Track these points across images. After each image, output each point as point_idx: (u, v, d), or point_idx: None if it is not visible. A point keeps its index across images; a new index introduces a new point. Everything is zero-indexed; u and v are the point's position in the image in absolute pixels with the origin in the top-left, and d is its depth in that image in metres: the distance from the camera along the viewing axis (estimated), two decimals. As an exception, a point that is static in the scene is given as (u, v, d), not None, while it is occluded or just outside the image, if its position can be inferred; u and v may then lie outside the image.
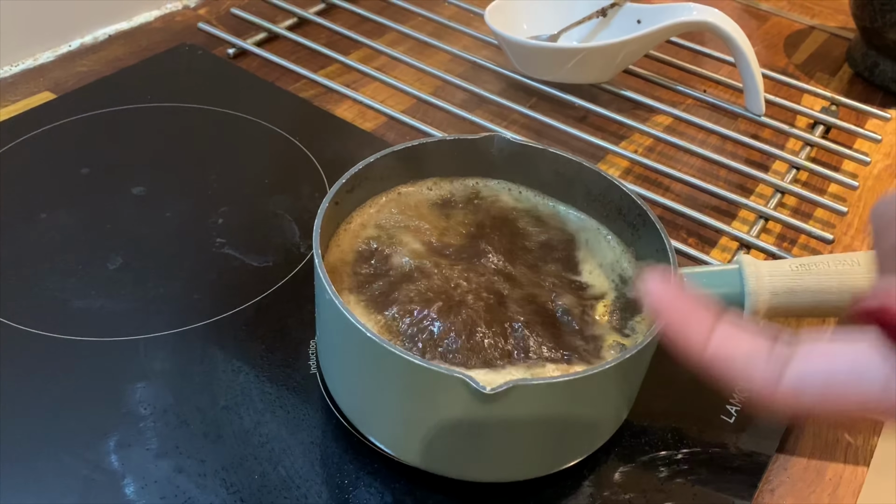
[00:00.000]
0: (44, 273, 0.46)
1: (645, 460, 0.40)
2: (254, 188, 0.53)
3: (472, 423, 0.34)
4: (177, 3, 0.72)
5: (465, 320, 0.37)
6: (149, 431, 0.38)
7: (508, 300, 0.39)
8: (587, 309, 0.40)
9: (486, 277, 0.40)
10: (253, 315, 0.45)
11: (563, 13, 0.66)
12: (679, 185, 0.58)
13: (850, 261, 0.38)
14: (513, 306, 0.39)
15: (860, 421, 0.43)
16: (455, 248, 0.42)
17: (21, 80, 0.61)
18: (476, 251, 0.42)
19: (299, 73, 0.63)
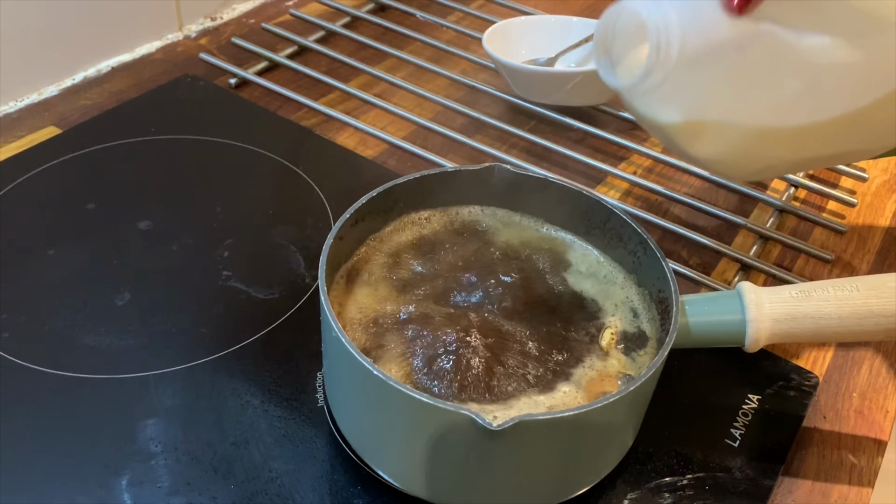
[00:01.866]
0: (52, 310, 0.46)
1: (651, 487, 0.40)
2: (258, 219, 0.54)
3: (479, 458, 0.34)
4: (178, 34, 0.73)
5: (474, 349, 0.38)
6: (160, 468, 0.39)
7: (514, 331, 0.40)
8: (593, 337, 0.40)
9: (491, 307, 0.41)
10: (260, 348, 0.45)
11: (560, 37, 0.67)
12: (679, 207, 0.58)
13: (850, 286, 0.39)
14: (518, 336, 0.39)
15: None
16: (460, 277, 0.43)
17: (26, 115, 0.62)
18: (482, 280, 0.42)
19: (301, 101, 0.64)
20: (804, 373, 0.46)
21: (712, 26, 0.34)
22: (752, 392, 0.45)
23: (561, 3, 0.83)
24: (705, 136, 0.38)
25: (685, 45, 0.34)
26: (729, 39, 0.34)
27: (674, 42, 0.34)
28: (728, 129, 0.37)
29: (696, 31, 0.34)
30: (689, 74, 0.35)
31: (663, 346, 0.36)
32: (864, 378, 0.48)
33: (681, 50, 0.34)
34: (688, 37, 0.34)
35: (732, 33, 0.34)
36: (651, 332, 0.41)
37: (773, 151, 0.39)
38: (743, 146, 0.38)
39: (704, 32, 0.34)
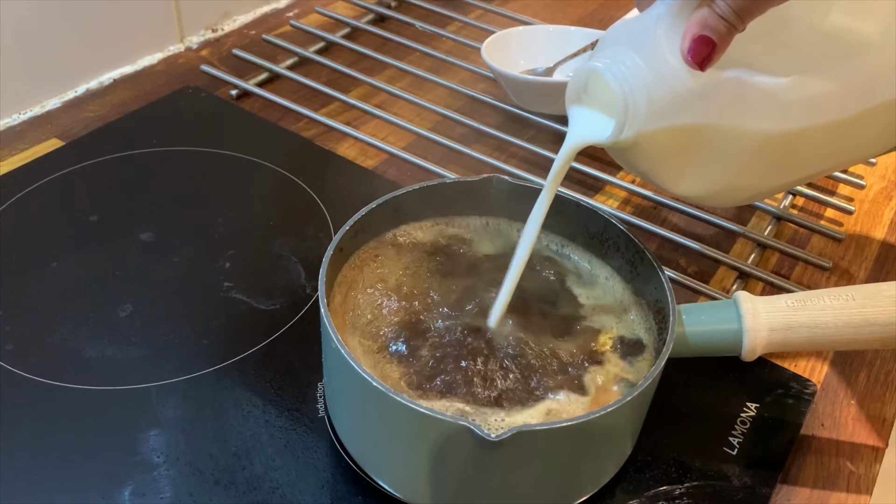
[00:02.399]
0: (55, 322, 0.47)
1: (650, 495, 0.40)
2: (259, 230, 0.54)
3: (478, 468, 0.35)
4: (179, 46, 0.73)
5: (473, 357, 0.38)
6: (163, 480, 0.39)
7: (514, 339, 0.40)
8: (591, 345, 0.41)
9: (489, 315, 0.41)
10: (261, 359, 0.45)
11: (558, 47, 0.68)
12: (676, 215, 0.59)
13: (846, 295, 0.39)
14: (517, 344, 0.40)
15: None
16: (460, 287, 0.43)
17: (29, 127, 0.62)
18: (482, 290, 0.43)
19: (301, 112, 0.65)
20: (802, 380, 0.46)
21: (677, 80, 0.35)
22: (750, 400, 0.45)
23: (559, 13, 0.84)
24: (686, 178, 0.39)
25: (652, 101, 0.35)
26: (695, 90, 0.35)
27: (640, 100, 0.35)
28: (707, 170, 0.38)
29: (661, 87, 0.35)
30: (661, 127, 0.35)
31: (661, 355, 0.37)
32: (861, 386, 0.48)
33: (648, 106, 0.35)
34: (653, 93, 0.35)
35: (698, 84, 0.35)
36: (648, 341, 0.41)
37: (755, 182, 0.40)
38: (725, 182, 0.39)
39: (670, 87, 0.35)
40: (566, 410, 0.37)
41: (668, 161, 0.37)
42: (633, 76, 0.35)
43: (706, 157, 0.37)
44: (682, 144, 0.36)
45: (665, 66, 0.35)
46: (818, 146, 0.39)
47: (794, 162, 0.40)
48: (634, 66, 0.35)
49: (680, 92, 0.35)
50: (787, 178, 0.41)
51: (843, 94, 0.37)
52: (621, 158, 0.40)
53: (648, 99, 0.35)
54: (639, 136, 0.35)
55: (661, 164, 0.38)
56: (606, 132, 0.36)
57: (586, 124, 0.37)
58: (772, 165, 0.39)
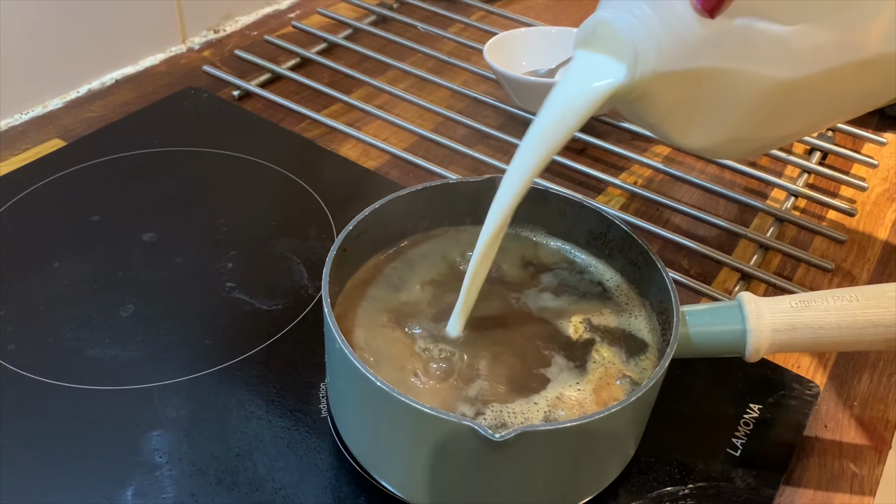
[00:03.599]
0: (57, 322, 0.47)
1: (653, 496, 0.40)
2: (261, 231, 0.54)
3: (482, 469, 0.35)
4: (181, 46, 0.73)
5: (476, 354, 0.39)
6: (165, 480, 0.39)
7: (517, 338, 0.40)
8: (595, 343, 0.41)
9: (494, 314, 0.41)
10: (264, 359, 0.45)
11: (560, 48, 0.68)
12: (679, 217, 0.59)
13: (849, 296, 0.39)
14: (519, 343, 0.40)
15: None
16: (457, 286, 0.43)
17: (31, 127, 0.62)
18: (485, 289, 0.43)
19: (303, 113, 0.65)
20: (805, 382, 0.46)
21: (686, 29, 0.34)
22: (753, 401, 0.45)
23: (561, 15, 0.84)
24: (695, 129, 0.38)
25: (662, 50, 0.35)
26: (704, 38, 0.35)
27: (650, 49, 0.35)
28: (716, 120, 0.38)
29: (670, 36, 0.35)
30: (670, 77, 0.35)
31: (664, 357, 0.37)
32: (864, 387, 0.48)
33: (658, 55, 0.35)
34: (663, 42, 0.35)
35: (707, 32, 0.35)
36: (652, 342, 0.41)
37: (762, 132, 0.39)
38: (732, 132, 0.39)
39: (679, 35, 0.35)
40: (575, 401, 0.38)
41: (677, 112, 0.37)
42: (643, 25, 0.34)
43: (714, 107, 0.37)
44: (690, 94, 0.36)
45: (674, 14, 0.34)
46: (824, 94, 0.38)
47: (800, 110, 0.39)
48: (643, 14, 0.34)
49: (689, 40, 0.35)
50: (793, 128, 0.41)
51: (850, 43, 0.37)
52: (629, 111, 0.39)
53: (658, 47, 0.34)
54: (648, 84, 0.35)
55: (669, 115, 0.37)
56: (618, 77, 0.35)
57: (596, 70, 0.37)
58: (778, 114, 0.38)
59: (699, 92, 0.36)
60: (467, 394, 0.38)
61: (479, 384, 0.38)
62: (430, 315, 0.42)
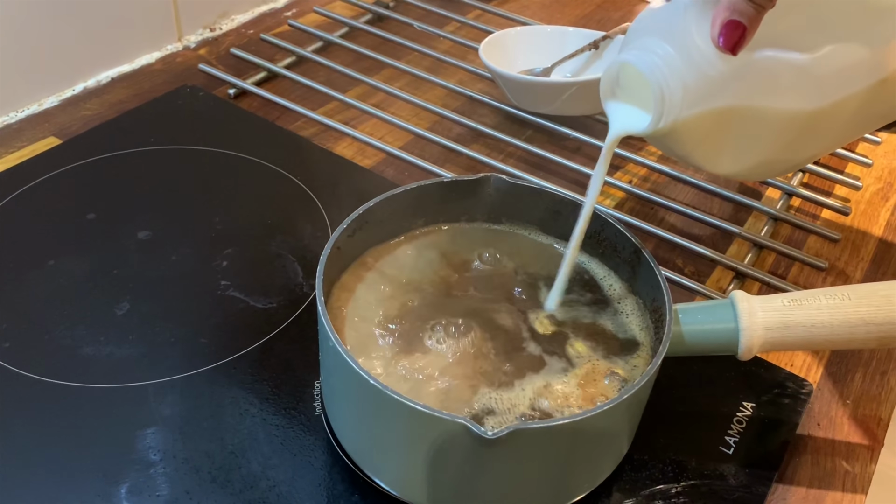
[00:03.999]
0: (52, 320, 0.47)
1: (646, 494, 0.40)
2: (256, 229, 0.54)
3: (475, 466, 0.35)
4: (177, 45, 0.73)
5: (472, 340, 0.40)
6: (159, 477, 0.39)
7: (510, 335, 0.40)
8: (585, 339, 0.41)
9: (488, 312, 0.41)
10: (258, 357, 0.45)
11: (556, 47, 0.68)
12: (674, 216, 0.59)
13: (841, 295, 0.39)
14: (514, 340, 0.40)
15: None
16: (457, 285, 0.43)
17: (27, 125, 0.62)
18: (479, 288, 0.43)
19: (299, 111, 0.65)
20: (798, 380, 0.47)
21: (709, 66, 0.35)
22: (746, 399, 0.45)
23: (557, 14, 0.84)
24: (724, 158, 0.40)
25: (687, 88, 0.35)
26: (728, 74, 0.35)
27: (675, 88, 0.35)
28: (744, 149, 0.39)
29: (694, 74, 0.35)
30: (697, 112, 0.36)
31: (657, 354, 0.37)
32: (857, 385, 0.48)
33: (684, 93, 0.35)
34: (687, 81, 0.35)
35: (731, 68, 0.35)
36: (645, 340, 0.42)
37: (791, 155, 0.41)
38: (761, 158, 0.40)
39: (703, 73, 0.35)
40: (562, 396, 0.38)
41: (706, 144, 0.38)
42: (666, 65, 0.35)
43: (742, 137, 0.38)
44: (718, 127, 0.37)
45: (697, 52, 0.35)
46: (847, 115, 0.39)
47: (826, 132, 0.40)
48: (666, 55, 0.35)
49: (713, 77, 0.35)
50: (819, 148, 0.42)
51: (871, 62, 0.37)
52: (660, 144, 0.40)
53: (683, 86, 0.35)
54: (676, 122, 0.36)
55: (699, 147, 0.38)
56: (645, 122, 0.36)
57: (625, 117, 0.38)
58: (805, 137, 0.39)
59: (726, 124, 0.37)
60: (460, 383, 0.38)
61: (470, 372, 0.38)
62: (425, 312, 0.42)
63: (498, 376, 0.39)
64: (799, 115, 0.38)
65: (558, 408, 0.38)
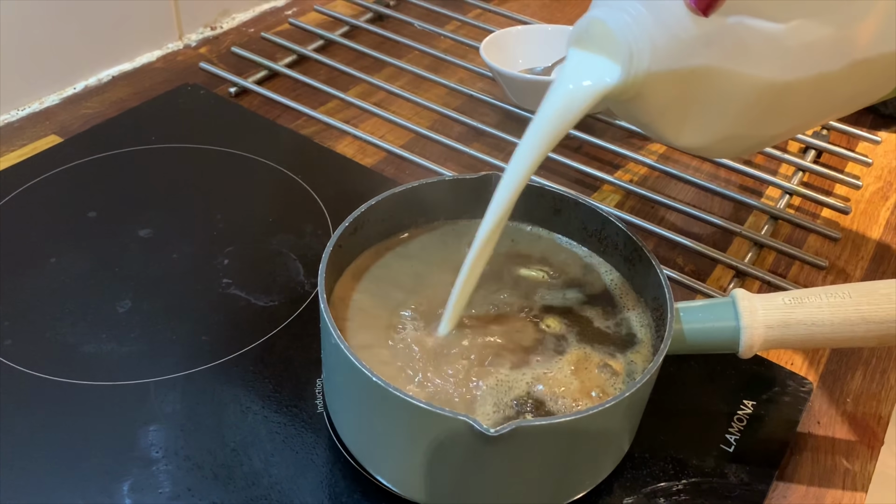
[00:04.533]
0: (54, 318, 0.47)
1: (647, 492, 0.40)
2: (258, 227, 0.54)
3: (477, 463, 0.35)
4: (178, 43, 0.73)
5: (473, 335, 0.40)
6: (161, 475, 0.39)
7: (514, 320, 0.41)
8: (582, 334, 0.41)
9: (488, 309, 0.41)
10: (260, 355, 0.45)
11: (556, 46, 0.68)
12: (674, 214, 0.59)
13: (842, 293, 0.39)
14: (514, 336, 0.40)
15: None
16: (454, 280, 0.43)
17: (27, 123, 0.62)
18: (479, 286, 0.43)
19: (300, 110, 0.65)
20: (799, 378, 0.47)
21: (680, 26, 0.34)
22: (747, 397, 0.45)
23: (557, 13, 0.84)
24: (689, 127, 0.38)
25: (656, 48, 0.34)
26: (698, 36, 0.35)
27: (644, 48, 0.34)
28: (710, 119, 0.38)
29: (664, 34, 0.34)
30: (664, 76, 0.35)
31: (658, 353, 0.37)
32: (857, 383, 0.48)
33: (652, 54, 0.35)
34: (657, 40, 0.34)
35: (701, 30, 0.34)
36: (646, 338, 0.42)
37: (756, 131, 0.39)
38: (726, 131, 0.38)
39: (673, 33, 0.34)
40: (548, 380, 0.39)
41: (671, 112, 0.37)
42: (637, 24, 0.34)
43: (708, 106, 0.37)
44: (684, 93, 0.36)
45: (668, 13, 0.34)
46: (817, 93, 0.38)
47: (794, 109, 0.39)
48: (637, 13, 0.34)
49: (683, 38, 0.34)
50: (787, 126, 0.41)
51: (843, 41, 0.37)
52: (623, 111, 0.39)
53: (652, 46, 0.34)
54: (642, 84, 0.35)
55: (663, 115, 0.37)
56: (613, 77, 0.35)
57: (591, 69, 0.37)
58: (772, 112, 0.38)
59: (693, 91, 0.36)
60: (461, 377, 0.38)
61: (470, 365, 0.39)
62: (425, 309, 0.42)
63: (497, 367, 0.39)
64: (768, 85, 0.37)
65: (553, 396, 0.38)
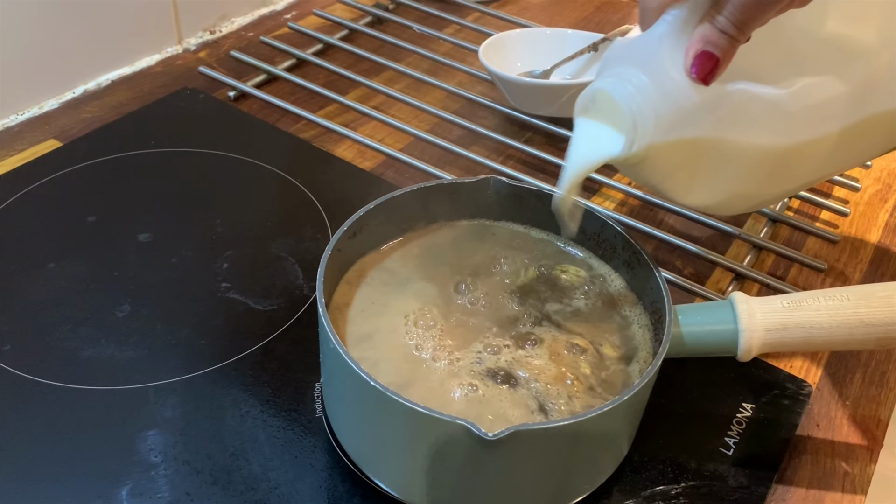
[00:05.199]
0: (53, 322, 0.47)
1: (646, 495, 0.40)
2: (257, 231, 0.54)
3: (476, 468, 0.35)
4: (177, 47, 0.74)
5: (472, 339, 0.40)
6: (161, 479, 0.39)
7: (514, 322, 0.41)
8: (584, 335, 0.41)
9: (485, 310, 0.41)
10: (259, 359, 0.45)
11: (555, 49, 0.68)
12: (673, 217, 0.59)
13: (840, 296, 0.39)
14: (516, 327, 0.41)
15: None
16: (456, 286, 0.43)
17: (27, 128, 0.62)
18: (478, 289, 0.43)
19: (299, 114, 0.65)
20: (798, 381, 0.47)
21: (682, 96, 0.35)
22: (746, 401, 0.45)
23: (556, 16, 0.84)
24: (696, 189, 0.39)
25: (659, 117, 0.35)
26: (701, 104, 0.35)
27: (648, 117, 0.35)
28: (716, 181, 0.39)
29: (667, 103, 0.35)
30: (669, 141, 0.36)
31: (657, 356, 0.37)
32: (856, 386, 0.48)
33: (656, 122, 0.35)
34: (660, 110, 0.35)
35: (703, 98, 0.35)
36: (644, 341, 0.42)
37: (762, 190, 0.41)
38: (733, 192, 0.40)
39: (676, 103, 0.35)
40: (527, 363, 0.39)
41: (677, 174, 0.38)
42: (640, 94, 0.35)
43: (714, 169, 0.38)
44: (690, 158, 0.37)
45: (670, 82, 0.35)
46: (821, 153, 0.39)
47: (798, 169, 0.40)
48: (640, 83, 0.35)
49: (686, 107, 0.35)
50: (792, 185, 0.42)
51: (844, 102, 0.38)
52: (631, 173, 0.40)
53: (656, 115, 0.35)
54: (648, 151, 0.36)
55: (670, 177, 0.38)
56: (617, 147, 0.36)
57: (596, 140, 0.38)
58: (777, 173, 0.39)
59: (699, 156, 0.37)
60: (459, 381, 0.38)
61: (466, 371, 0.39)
62: (426, 312, 0.42)
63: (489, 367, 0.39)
64: (771, 149, 0.38)
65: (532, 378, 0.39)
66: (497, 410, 0.37)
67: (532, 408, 0.38)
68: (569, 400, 0.38)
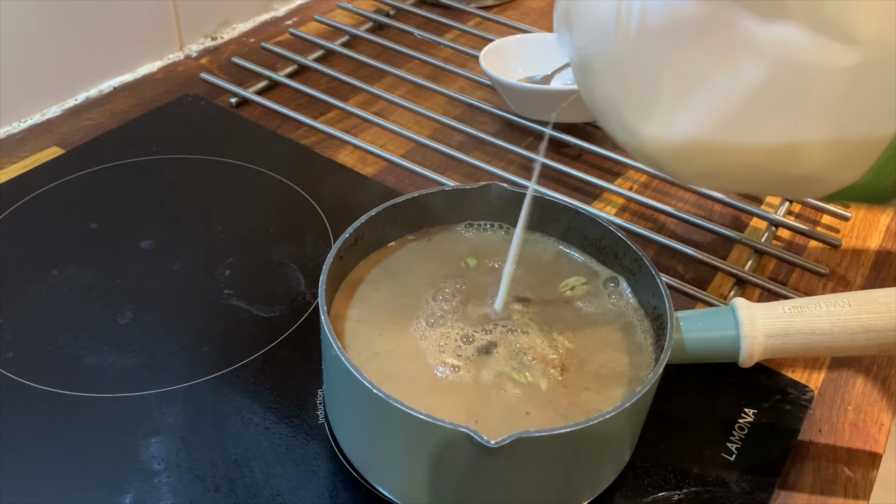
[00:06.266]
0: (55, 329, 0.47)
1: (648, 501, 0.40)
2: (259, 237, 0.54)
3: (478, 475, 0.35)
4: (178, 54, 0.74)
5: (474, 346, 0.39)
6: (163, 487, 0.39)
7: (510, 338, 0.40)
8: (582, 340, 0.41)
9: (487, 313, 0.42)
10: (261, 366, 0.46)
11: (556, 54, 0.68)
12: (674, 222, 0.59)
13: (842, 302, 0.39)
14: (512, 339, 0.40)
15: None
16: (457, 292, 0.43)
17: (29, 135, 0.63)
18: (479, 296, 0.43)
19: (300, 120, 0.65)
20: (800, 386, 0.47)
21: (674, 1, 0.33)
22: (748, 406, 0.45)
23: (557, 21, 0.84)
24: (654, 117, 0.36)
25: (645, 16, 0.33)
26: (690, 19, 0.33)
27: (634, 11, 0.33)
28: (680, 115, 0.36)
29: (657, 5, 0.33)
30: (646, 52, 0.34)
31: (658, 362, 0.37)
32: (858, 391, 0.48)
33: (640, 21, 0.33)
34: (648, 9, 0.33)
35: (694, 13, 0.33)
36: (646, 347, 0.42)
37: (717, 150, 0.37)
38: (692, 135, 0.36)
39: (666, 7, 0.33)
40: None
41: (642, 91, 0.36)
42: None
43: (681, 100, 0.35)
44: (661, 78, 0.35)
45: None
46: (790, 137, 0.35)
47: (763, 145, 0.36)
48: None
49: (675, 17, 0.33)
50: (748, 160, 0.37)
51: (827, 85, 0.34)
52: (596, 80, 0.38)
53: (643, 12, 0.33)
54: (622, 53, 0.34)
55: (632, 93, 0.36)
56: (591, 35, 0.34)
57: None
58: (740, 135, 0.36)
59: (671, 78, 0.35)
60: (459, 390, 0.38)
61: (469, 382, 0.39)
62: (428, 319, 0.42)
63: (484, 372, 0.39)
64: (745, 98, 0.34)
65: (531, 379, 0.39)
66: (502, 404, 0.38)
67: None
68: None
